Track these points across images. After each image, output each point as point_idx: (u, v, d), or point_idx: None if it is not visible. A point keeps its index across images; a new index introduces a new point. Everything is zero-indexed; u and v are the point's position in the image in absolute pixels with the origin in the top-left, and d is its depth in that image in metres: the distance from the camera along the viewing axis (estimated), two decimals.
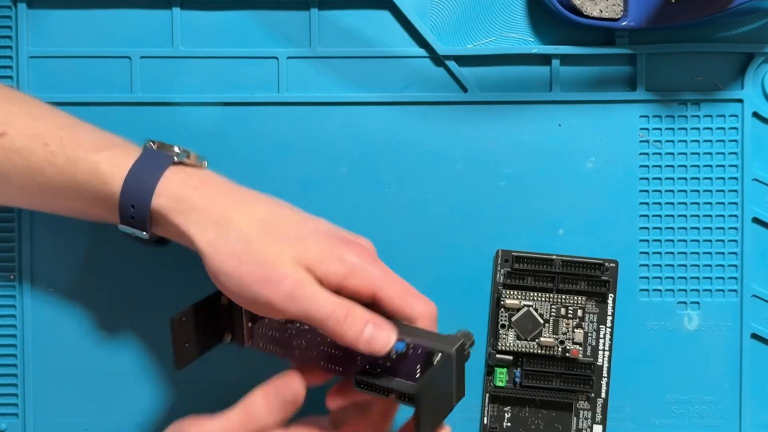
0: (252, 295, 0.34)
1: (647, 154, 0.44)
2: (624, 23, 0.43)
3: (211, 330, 0.39)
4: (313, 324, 0.35)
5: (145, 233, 0.36)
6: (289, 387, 0.35)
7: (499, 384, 0.43)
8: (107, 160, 0.36)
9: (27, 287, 0.44)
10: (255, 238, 0.35)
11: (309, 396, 0.36)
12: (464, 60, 0.44)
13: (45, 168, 0.36)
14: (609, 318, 0.43)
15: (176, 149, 0.37)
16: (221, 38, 0.44)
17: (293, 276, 0.34)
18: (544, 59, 0.44)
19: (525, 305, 0.43)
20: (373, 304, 0.36)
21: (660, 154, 0.44)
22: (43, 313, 0.44)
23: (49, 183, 0.37)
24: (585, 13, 0.42)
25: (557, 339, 0.43)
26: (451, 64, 0.44)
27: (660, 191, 0.44)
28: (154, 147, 0.37)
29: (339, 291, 0.35)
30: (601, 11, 0.42)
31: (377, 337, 0.34)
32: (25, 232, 0.43)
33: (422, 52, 0.44)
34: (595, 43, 0.44)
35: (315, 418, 0.36)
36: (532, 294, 0.43)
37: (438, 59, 0.44)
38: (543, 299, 0.43)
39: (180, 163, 0.37)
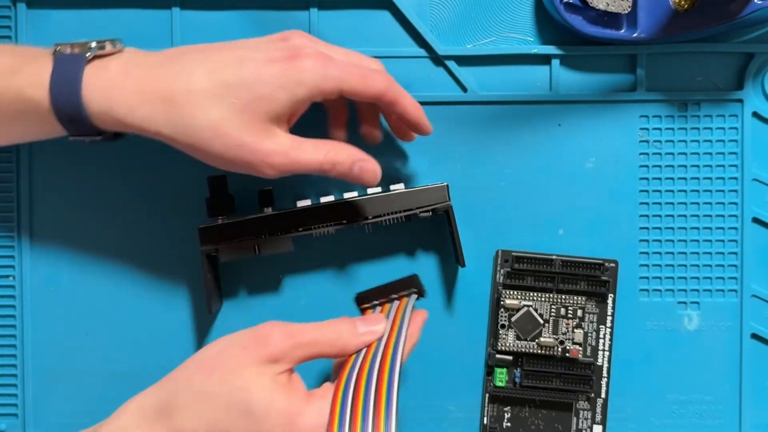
0: (236, 163, 0.36)
1: (647, 154, 0.44)
2: (635, 35, 0.42)
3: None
4: (304, 173, 0.37)
5: (98, 137, 0.36)
6: (377, 319, 0.37)
7: (499, 384, 0.43)
8: (26, 81, 0.35)
9: (26, 287, 0.44)
10: (211, 103, 0.35)
11: None
12: (464, 60, 0.44)
13: None
14: (609, 318, 0.43)
15: (92, 44, 0.36)
16: (221, 38, 0.43)
17: (277, 146, 0.36)
18: (544, 59, 0.44)
19: (525, 305, 0.43)
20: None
21: (660, 154, 0.44)
22: (42, 313, 0.44)
23: None
24: (591, 4, 0.41)
25: (557, 339, 0.43)
26: (451, 64, 0.44)
27: (660, 191, 0.44)
28: (67, 50, 0.36)
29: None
30: (608, 4, 0.41)
31: (366, 170, 0.38)
32: (24, 231, 0.43)
33: (422, 52, 0.44)
34: (595, 43, 0.44)
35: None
36: (532, 294, 0.43)
37: (438, 59, 0.44)
38: (543, 299, 0.43)
39: (96, 57, 0.36)
